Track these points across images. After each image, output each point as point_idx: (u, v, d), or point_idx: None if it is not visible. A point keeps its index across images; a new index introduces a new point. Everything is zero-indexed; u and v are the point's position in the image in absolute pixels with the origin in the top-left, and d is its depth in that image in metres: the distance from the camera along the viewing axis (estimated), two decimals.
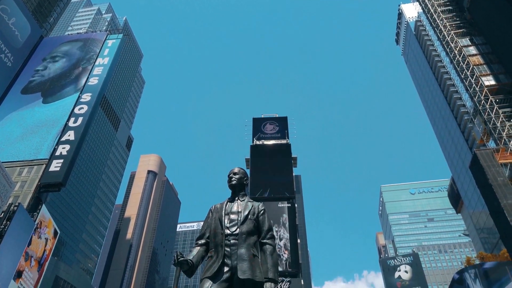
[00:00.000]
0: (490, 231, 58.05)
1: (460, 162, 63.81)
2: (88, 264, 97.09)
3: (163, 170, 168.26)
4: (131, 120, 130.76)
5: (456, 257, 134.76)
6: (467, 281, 45.69)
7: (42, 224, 38.01)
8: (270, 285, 4.55)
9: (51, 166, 42.01)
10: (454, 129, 63.78)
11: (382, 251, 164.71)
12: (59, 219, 69.38)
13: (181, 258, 4.63)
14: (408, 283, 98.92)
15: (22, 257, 33.31)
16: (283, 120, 59.75)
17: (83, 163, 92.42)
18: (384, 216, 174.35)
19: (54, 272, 72.23)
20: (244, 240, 4.84)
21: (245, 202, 5.27)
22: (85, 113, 48.07)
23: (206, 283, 4.54)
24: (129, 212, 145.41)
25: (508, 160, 44.79)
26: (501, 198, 39.70)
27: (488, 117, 50.83)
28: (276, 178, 50.97)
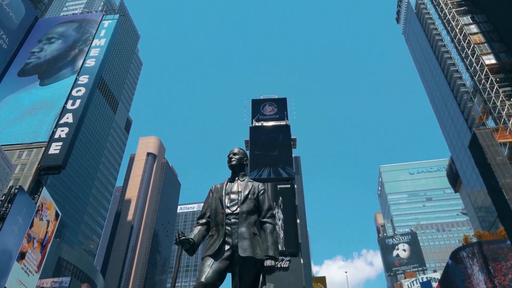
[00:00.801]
0: (488, 209, 58.75)
1: (459, 141, 63.97)
2: (90, 245, 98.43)
3: (162, 152, 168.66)
4: (129, 102, 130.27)
5: (454, 235, 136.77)
6: (464, 259, 46.48)
7: (44, 207, 38.28)
8: (270, 262, 4.61)
9: (51, 149, 41.99)
10: (454, 109, 63.70)
11: (380, 231, 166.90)
12: (60, 202, 69.91)
13: (182, 237, 4.68)
14: (406, 261, 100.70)
15: (25, 239, 33.66)
16: (282, 102, 59.53)
17: (83, 146, 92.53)
18: (383, 196, 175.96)
19: (57, 253, 73.27)
20: (244, 219, 4.89)
21: (245, 182, 5.30)
22: (83, 95, 47.75)
23: (208, 261, 4.60)
24: (130, 194, 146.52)
25: (507, 139, 44.88)
26: (499, 177, 39.95)
27: (488, 96, 50.67)
28: (275, 159, 51.13)
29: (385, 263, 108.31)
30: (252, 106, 59.02)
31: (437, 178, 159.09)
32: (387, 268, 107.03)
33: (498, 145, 43.00)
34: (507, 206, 38.43)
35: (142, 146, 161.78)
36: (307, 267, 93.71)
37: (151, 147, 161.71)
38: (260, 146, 52.80)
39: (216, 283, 4.48)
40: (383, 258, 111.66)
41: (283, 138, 53.71)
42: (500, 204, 40.98)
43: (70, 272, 73.90)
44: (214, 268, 4.52)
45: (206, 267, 4.53)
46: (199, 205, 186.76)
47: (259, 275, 4.67)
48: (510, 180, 39.76)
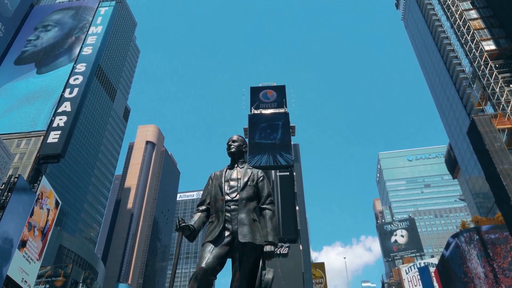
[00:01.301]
0: (486, 195, 59.13)
1: (457, 128, 64.03)
2: (90, 233, 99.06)
3: (161, 140, 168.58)
4: (127, 90, 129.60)
5: (452, 221, 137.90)
6: (461, 244, 46.96)
7: (43, 195, 38.39)
8: (270, 248, 4.66)
9: (49, 137, 41.96)
10: (453, 95, 63.59)
11: (379, 217, 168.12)
12: (60, 190, 70.10)
13: (182, 223, 4.71)
14: (404, 247, 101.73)
15: (25, 227, 33.84)
16: (281, 89, 59.24)
17: (81, 134, 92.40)
18: (381, 183, 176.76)
19: (58, 241, 73.77)
20: (244, 205, 4.91)
21: (244, 169, 5.31)
22: (80, 83, 47.50)
23: (208, 246, 4.65)
24: (129, 183, 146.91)
25: (505, 125, 44.90)
26: (497, 163, 40.09)
27: (487, 82, 50.54)
28: (274, 147, 51.16)
29: (383, 249, 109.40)
30: (251, 94, 58.77)
31: (435, 165, 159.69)
32: (385, 254, 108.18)
33: (496, 131, 43.05)
34: (505, 191, 38.67)
35: (141, 134, 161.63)
36: (306, 253, 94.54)
37: (150, 135, 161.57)
38: (259, 134, 52.76)
39: (216, 268, 4.53)
40: (381, 244, 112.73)
41: (282, 125, 53.65)
42: (497, 190, 41.23)
43: (71, 260, 74.55)
44: (214, 254, 4.56)
45: (207, 252, 4.57)
46: (199, 193, 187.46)
47: (258, 260, 4.72)
48: (508, 166, 39.92)
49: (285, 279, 39.03)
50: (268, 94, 58.29)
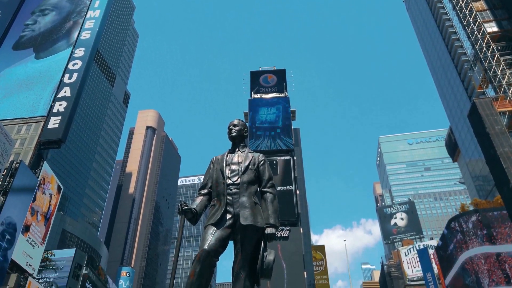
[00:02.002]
0: (485, 178, 59.39)
1: (458, 111, 63.88)
2: (93, 218, 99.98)
3: (161, 125, 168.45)
4: (126, 75, 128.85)
5: (451, 204, 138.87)
6: (460, 226, 47.39)
7: (45, 181, 38.59)
8: (271, 230, 4.70)
9: (49, 123, 41.90)
10: (454, 78, 63.23)
11: (379, 200, 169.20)
12: (61, 176, 70.44)
13: (185, 207, 4.74)
14: (404, 230, 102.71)
15: (28, 212, 34.13)
16: (281, 73, 58.82)
17: (81, 120, 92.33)
18: (381, 167, 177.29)
19: (61, 226, 74.54)
20: (245, 189, 4.94)
21: (245, 153, 5.32)
22: (79, 68, 47.16)
23: (210, 229, 4.70)
24: (130, 168, 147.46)
25: (506, 108, 44.77)
26: (497, 146, 40.11)
27: (488, 65, 50.16)
28: (274, 131, 51.17)
29: (383, 232, 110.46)
30: (251, 78, 58.42)
31: (435, 148, 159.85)
32: (385, 237, 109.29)
33: (497, 114, 42.94)
34: (505, 174, 38.81)
35: (141, 119, 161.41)
36: (307, 236, 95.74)
37: (150, 120, 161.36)
38: (259, 118, 52.68)
39: (218, 250, 4.58)
40: (381, 226, 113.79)
41: (282, 109, 53.52)
42: (497, 173, 41.36)
43: (75, 244, 75.45)
44: (216, 236, 4.60)
45: (209, 235, 4.62)
46: (200, 177, 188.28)
47: (260, 242, 4.75)
48: (508, 149, 39.97)
49: (286, 261, 39.58)
50: (268, 79, 57.97)
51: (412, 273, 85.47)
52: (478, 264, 43.31)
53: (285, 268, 39.36)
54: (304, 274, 40.86)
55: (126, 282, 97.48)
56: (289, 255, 40.07)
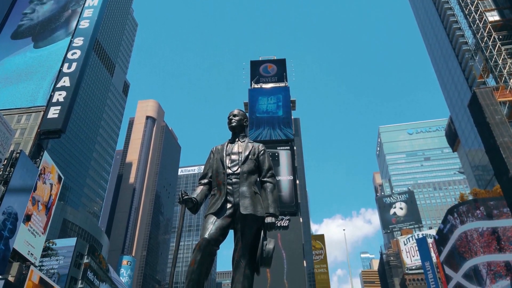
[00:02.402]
0: (485, 168, 59.54)
1: (459, 101, 63.74)
2: (94, 207, 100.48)
3: (161, 115, 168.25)
4: (126, 65, 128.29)
5: (451, 193, 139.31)
6: (460, 216, 47.69)
7: (46, 170, 38.69)
8: (270, 219, 4.74)
9: (49, 113, 41.81)
10: (455, 68, 62.97)
11: (378, 190, 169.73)
12: (62, 165, 70.61)
13: (185, 196, 4.77)
14: (403, 219, 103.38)
15: (29, 201, 34.29)
16: (282, 63, 58.52)
17: (81, 110, 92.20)
18: (381, 157, 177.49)
19: (62, 215, 74.95)
20: (245, 178, 4.97)
21: (245, 143, 5.34)
22: (78, 58, 46.88)
23: (211, 218, 4.74)
24: (131, 157, 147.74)
25: (507, 98, 44.70)
26: (497, 136, 40.12)
27: (490, 54, 49.89)
28: (274, 121, 51.12)
29: (382, 221, 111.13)
30: (251, 68, 58.14)
31: (435, 138, 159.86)
32: (384, 226, 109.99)
33: (497, 104, 42.87)
34: (504, 164, 38.89)
35: (141, 109, 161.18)
36: (306, 226, 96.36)
37: (150, 110, 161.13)
38: (259, 108, 52.60)
39: (219, 238, 4.63)
40: (380, 216, 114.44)
41: (282, 99, 53.39)
42: (497, 163, 41.45)
43: (76, 233, 75.95)
44: (217, 225, 4.64)
45: (209, 224, 4.66)
46: (200, 167, 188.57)
47: (260, 231, 4.79)
48: (508, 139, 39.98)
49: (286, 250, 39.90)
50: (268, 68, 57.72)
51: (411, 262, 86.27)
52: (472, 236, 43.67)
53: (284, 257, 39.69)
54: (303, 263, 41.21)
55: (127, 270, 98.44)
56: (289, 244, 40.36)
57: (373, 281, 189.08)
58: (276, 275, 37.95)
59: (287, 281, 38.59)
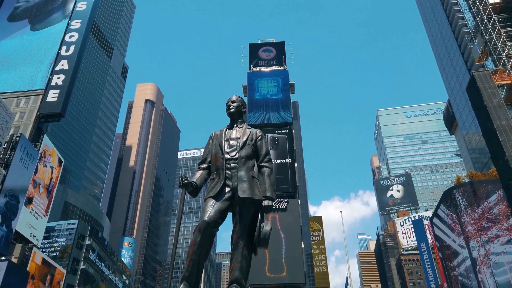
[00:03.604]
0: (482, 151, 59.95)
1: (457, 84, 63.65)
2: (94, 190, 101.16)
3: (160, 99, 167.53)
4: (124, 48, 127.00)
5: (447, 176, 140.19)
6: (456, 198, 48.29)
7: (46, 154, 38.90)
8: (268, 202, 4.91)
9: (48, 96, 41.66)
10: (454, 50, 62.63)
11: (376, 173, 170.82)
12: (62, 149, 70.83)
13: (185, 180, 4.92)
14: (400, 201, 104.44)
15: (30, 184, 34.60)
16: (280, 46, 58.12)
17: (80, 93, 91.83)
18: (379, 140, 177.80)
19: (63, 198, 75.60)
20: (243, 163, 5.12)
21: (243, 128, 5.46)
22: (76, 41, 46.43)
23: (210, 201, 4.92)
24: (130, 141, 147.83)
25: (505, 81, 44.62)
26: (494, 119, 40.25)
27: (489, 37, 49.58)
28: (273, 104, 51.15)
29: (379, 203, 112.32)
30: (250, 51, 57.77)
31: (433, 121, 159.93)
32: (381, 208, 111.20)
33: (495, 87, 42.83)
34: (500, 147, 39.15)
35: (139, 93, 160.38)
36: (305, 208, 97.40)
37: (149, 93, 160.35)
38: (258, 92, 52.54)
39: (218, 221, 4.81)
40: (377, 198, 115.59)
41: (281, 83, 53.29)
42: (493, 146, 41.69)
43: (77, 216, 76.73)
44: (216, 208, 4.82)
45: (209, 207, 4.84)
46: (199, 151, 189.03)
47: (257, 214, 4.97)
48: (505, 122, 40.14)
49: (284, 232, 40.55)
50: (267, 51, 57.39)
51: (407, 243, 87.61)
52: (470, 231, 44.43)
53: (283, 238, 40.37)
54: (301, 244, 41.93)
55: (128, 252, 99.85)
56: (287, 226, 40.99)
57: (369, 261, 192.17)
58: (274, 256, 38.70)
59: (285, 262, 39.37)
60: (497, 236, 41.92)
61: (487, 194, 45.02)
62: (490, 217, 43.43)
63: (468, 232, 44.83)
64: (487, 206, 44.17)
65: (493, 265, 40.57)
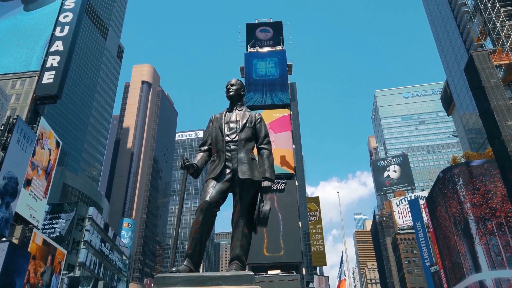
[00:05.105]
0: (478, 131, 60.25)
1: (455, 64, 63.42)
2: (92, 172, 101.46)
3: (157, 80, 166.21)
4: (119, 28, 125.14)
5: (444, 156, 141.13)
6: (451, 178, 48.80)
7: (43, 136, 38.81)
8: (267, 183, 5.06)
9: (44, 78, 41.32)
10: (453, 30, 62.16)
11: (373, 153, 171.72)
12: (59, 131, 70.64)
13: (187, 162, 5.07)
14: (396, 181, 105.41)
15: (29, 166, 34.67)
16: (278, 25, 57.49)
17: (76, 75, 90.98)
18: (377, 120, 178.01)
19: (61, 180, 75.89)
20: (243, 145, 5.24)
21: (242, 111, 5.54)
22: (70, 21, 45.74)
23: (211, 182, 5.05)
24: (127, 123, 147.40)
25: (503, 61, 44.50)
26: (491, 99, 40.29)
27: (488, 16, 49.15)
28: (270, 86, 50.96)
29: (376, 184, 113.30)
30: (247, 31, 57.15)
31: (431, 102, 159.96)
32: (377, 188, 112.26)
33: (493, 67, 42.72)
34: (497, 127, 39.33)
35: (136, 74, 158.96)
36: (302, 189, 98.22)
37: (145, 75, 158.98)
38: (256, 72, 52.26)
39: (219, 201, 4.96)
40: (374, 179, 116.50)
41: (279, 63, 52.96)
42: (490, 126, 41.87)
43: (76, 197, 77.21)
44: (217, 189, 4.96)
45: (210, 188, 4.97)
46: (197, 132, 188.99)
47: (257, 195, 5.11)
48: (502, 102, 40.20)
49: (282, 212, 41.10)
50: (264, 31, 56.81)
51: (403, 222, 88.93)
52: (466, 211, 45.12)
53: (281, 218, 40.95)
54: (299, 224, 42.56)
55: (128, 232, 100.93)
56: (285, 206, 41.52)
57: (365, 240, 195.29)
58: (272, 235, 39.33)
59: (282, 241, 40.04)
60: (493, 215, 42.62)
61: (483, 174, 45.52)
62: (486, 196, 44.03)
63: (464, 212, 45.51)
64: (483, 186, 44.71)
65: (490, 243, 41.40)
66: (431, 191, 57.68)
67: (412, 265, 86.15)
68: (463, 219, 45.74)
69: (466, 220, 45.15)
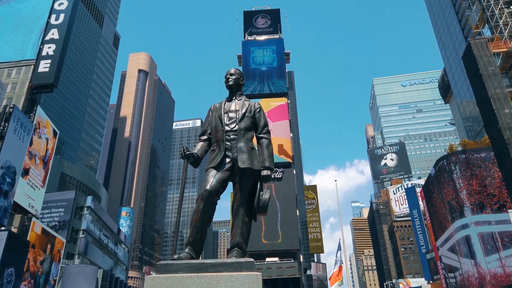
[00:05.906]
0: (475, 119, 60.44)
1: (453, 52, 63.27)
2: (90, 161, 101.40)
3: (154, 69, 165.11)
4: (115, 16, 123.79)
5: (441, 144, 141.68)
6: (448, 166, 49.10)
7: (40, 125, 38.69)
8: (266, 172, 5.12)
9: (40, 66, 41.01)
10: (451, 18, 61.84)
11: (370, 142, 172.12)
12: (56, 120, 70.42)
13: (187, 151, 5.10)
14: (393, 170, 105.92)
15: (26, 156, 34.65)
16: (276, 13, 57.00)
17: (72, 64, 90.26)
18: (374, 109, 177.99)
19: (59, 169, 75.82)
20: (242, 135, 5.29)
21: (242, 101, 5.58)
22: (66, 9, 45.22)
23: (211, 172, 5.11)
24: (125, 112, 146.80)
25: (501, 49, 44.33)
26: (489, 87, 40.28)
27: (487, 3, 48.88)
28: (268, 74, 50.78)
29: (373, 172, 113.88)
30: (244, 19, 56.66)
31: (428, 90, 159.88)
32: (374, 176, 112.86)
33: (491, 55, 42.60)
34: (494, 115, 39.42)
35: (132, 62, 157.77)
36: (300, 177, 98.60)
37: (142, 63, 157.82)
38: (253, 61, 52.00)
39: (219, 190, 5.02)
40: (371, 167, 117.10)
41: (276, 52, 52.68)
42: (487, 114, 41.96)
43: (74, 186, 77.29)
44: (217, 178, 5.02)
45: (210, 177, 5.03)
46: (194, 121, 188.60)
47: (256, 183, 5.18)
48: (499, 91, 40.22)
49: (279, 201, 41.36)
50: (261, 19, 56.34)
51: (399, 210, 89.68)
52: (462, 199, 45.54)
53: (278, 207, 41.23)
54: (296, 212, 42.88)
55: (126, 221, 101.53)
56: (283, 194, 41.76)
57: (362, 228, 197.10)
58: (270, 223, 39.66)
59: (280, 229, 40.40)
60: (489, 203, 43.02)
61: (480, 162, 45.81)
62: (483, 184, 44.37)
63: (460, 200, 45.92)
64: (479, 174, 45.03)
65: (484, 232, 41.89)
66: (428, 179, 58.08)
67: (408, 252, 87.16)
68: (458, 207, 46.17)
69: (462, 208, 45.58)
